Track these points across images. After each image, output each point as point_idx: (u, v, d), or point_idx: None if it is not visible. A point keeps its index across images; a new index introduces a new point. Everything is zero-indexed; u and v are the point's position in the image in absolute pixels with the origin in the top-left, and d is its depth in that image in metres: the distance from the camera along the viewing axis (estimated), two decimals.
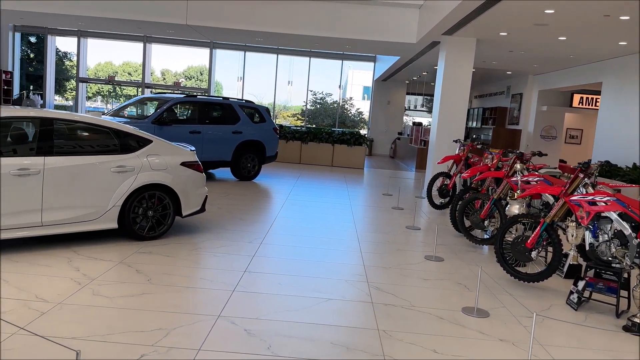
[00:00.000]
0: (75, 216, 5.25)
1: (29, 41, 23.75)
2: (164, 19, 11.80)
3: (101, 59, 27.50)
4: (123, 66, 28.94)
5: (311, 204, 9.33)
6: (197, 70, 29.05)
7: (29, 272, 4.50)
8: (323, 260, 5.69)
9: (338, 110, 23.41)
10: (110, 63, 28.23)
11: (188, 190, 6.09)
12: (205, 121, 10.54)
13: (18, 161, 4.88)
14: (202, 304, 4.13)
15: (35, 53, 23.70)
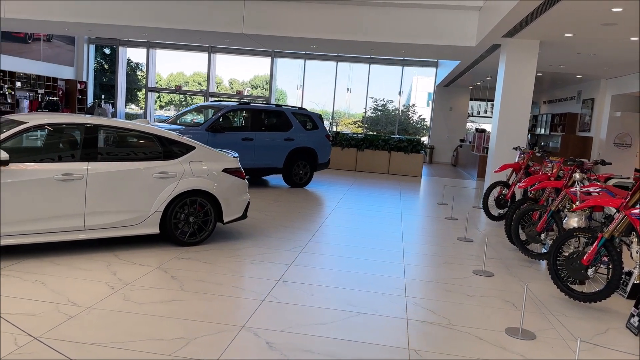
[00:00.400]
0: (118, 221, 5.34)
1: (104, 53, 25.06)
2: (222, 29, 12.02)
3: (173, 70, 28.53)
4: (193, 76, 29.94)
5: (360, 212, 9.13)
6: (263, 80, 29.55)
7: (68, 275, 4.60)
8: (362, 271, 5.48)
9: (398, 117, 23.01)
10: (182, 73, 29.26)
11: (229, 196, 6.08)
12: (258, 128, 10.59)
13: (62, 166, 5.03)
14: (229, 313, 4.04)
15: (109, 64, 24.95)
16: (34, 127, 5.06)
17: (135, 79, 25.25)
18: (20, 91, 19.34)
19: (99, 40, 23.54)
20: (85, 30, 14.61)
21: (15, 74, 19.07)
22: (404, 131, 23.34)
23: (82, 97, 22.69)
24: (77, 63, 23.05)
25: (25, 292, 4.11)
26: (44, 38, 20.82)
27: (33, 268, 4.67)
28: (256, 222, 7.36)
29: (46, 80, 20.83)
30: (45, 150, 5.56)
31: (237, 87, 27.38)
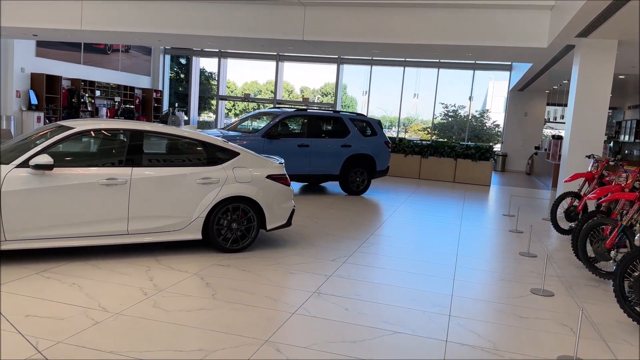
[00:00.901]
0: (161, 226, 5.37)
1: (180, 63, 26.07)
2: (282, 36, 12.03)
3: (247, 79, 29.19)
4: (267, 85, 30.55)
5: (415, 222, 8.75)
6: (333, 87, 29.62)
7: (106, 279, 4.65)
8: (405, 285, 5.16)
9: (468, 123, 22.17)
10: (255, 82, 29.93)
11: (273, 203, 5.96)
12: (314, 135, 10.47)
13: (106, 171, 5.11)
14: (255, 325, 3.89)
15: (184, 73, 25.91)
16: (80, 133, 5.19)
17: (208, 87, 26.05)
18: (99, 99, 20.47)
19: (173, 50, 24.52)
20: (155, 41, 15.19)
21: (95, 83, 20.21)
22: (477, 138, 22.46)
23: (157, 105, 23.68)
24: (153, 73, 24.10)
25: (59, 295, 4.17)
26: (123, 49, 21.94)
27: (74, 271, 4.76)
28: (304, 230, 7.21)
29: (124, 89, 21.91)
30: (91, 155, 5.71)
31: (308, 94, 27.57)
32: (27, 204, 4.72)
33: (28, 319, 3.68)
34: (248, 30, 12.16)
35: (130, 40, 15.68)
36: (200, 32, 12.57)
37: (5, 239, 4.68)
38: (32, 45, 17.65)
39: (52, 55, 18.44)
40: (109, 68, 21.29)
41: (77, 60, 19.62)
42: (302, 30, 11.85)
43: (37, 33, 14.70)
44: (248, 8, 12.00)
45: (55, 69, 18.45)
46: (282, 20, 11.90)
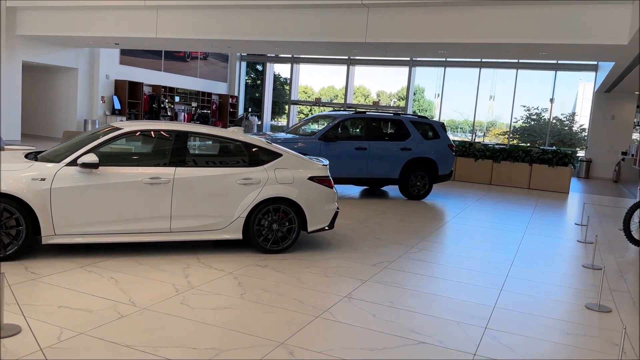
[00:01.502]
0: (202, 225, 5.47)
1: (257, 69, 26.78)
2: (345, 39, 12.00)
3: (325, 84, 29.43)
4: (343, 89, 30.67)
5: (474, 230, 8.35)
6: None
7: (144, 275, 4.79)
8: (445, 294, 4.91)
9: (549, 127, 20.96)
10: (332, 87, 30.16)
11: (315, 205, 5.91)
12: (373, 137, 10.31)
13: (151, 170, 5.29)
14: (275, 327, 3.84)
15: (260, 79, 26.58)
16: (126, 134, 5.41)
17: (282, 92, 26.54)
18: (178, 105, 21.45)
19: (249, 57, 25.24)
20: (225, 47, 15.67)
21: (175, 89, 21.21)
22: (561, 142, 21.18)
23: (233, 110, 24.48)
24: (229, 79, 24.94)
25: (96, 288, 4.35)
26: (201, 56, 22.89)
27: (116, 266, 4.96)
28: (351, 234, 7.09)
29: (202, 95, 22.84)
30: (137, 155, 5.93)
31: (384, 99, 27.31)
32: (75, 201, 4.97)
33: (60, 309, 3.86)
34: (311, 34, 12.23)
35: (201, 47, 16.31)
36: (266, 37, 12.83)
37: (55, 233, 4.96)
38: (117, 54, 18.84)
39: (135, 63, 19.58)
40: (188, 75, 22.29)
41: (158, 68, 20.71)
42: (365, 33, 11.74)
43: (118, 42, 15.66)
44: (311, 12, 12.08)
45: (138, 76, 19.57)
46: (346, 23, 11.86)
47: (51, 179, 4.91)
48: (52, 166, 5.00)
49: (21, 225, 4.80)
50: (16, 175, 4.82)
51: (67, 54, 17.33)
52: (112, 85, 18.89)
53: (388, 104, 25.73)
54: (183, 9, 13.30)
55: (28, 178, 4.85)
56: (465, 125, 22.58)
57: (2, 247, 4.76)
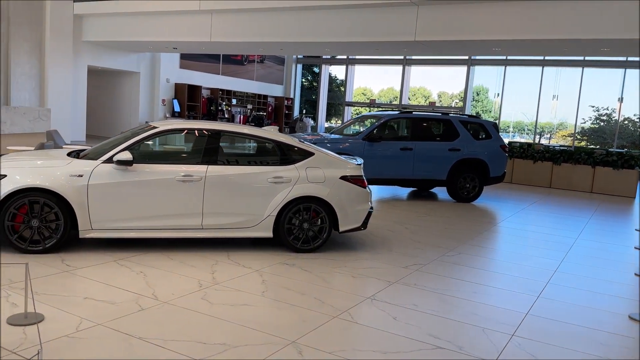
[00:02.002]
0: (233, 222, 5.53)
1: (313, 72, 26.96)
2: (393, 38, 11.82)
3: (384, 85, 29.22)
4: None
5: (522, 234, 7.97)
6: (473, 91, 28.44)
7: (172, 270, 4.89)
8: (476, 299, 4.70)
9: (617, 128, 19.75)
10: (392, 88, 29.95)
11: (346, 204, 5.83)
12: (419, 137, 10.08)
13: (183, 168, 5.40)
14: (289, 326, 3.80)
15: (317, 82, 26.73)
16: (161, 133, 5.55)
17: (338, 94, 26.56)
18: (235, 107, 21.94)
19: (305, 59, 25.45)
20: (277, 49, 15.85)
21: (232, 92, 21.70)
22: (633, 144, 19.90)
23: (288, 112, 24.75)
24: (285, 81, 25.24)
25: (123, 281, 4.48)
26: (258, 60, 23.30)
27: (147, 261, 5.09)
28: (388, 235, 6.95)
29: (258, 97, 23.25)
30: (172, 152, 6.07)
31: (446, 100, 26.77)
32: (111, 197, 5.16)
33: (85, 300, 4.00)
34: (360, 34, 12.14)
35: (254, 49, 16.57)
36: (315, 38, 12.86)
37: (92, 228, 5.17)
38: (177, 58, 19.51)
39: (194, 67, 20.20)
40: (245, 78, 22.75)
41: (216, 71, 21.26)
42: (415, 31, 11.52)
43: (176, 46, 16.20)
44: (360, 12, 12.00)
45: (196, 80, 20.17)
46: (395, 22, 11.69)
47: (88, 175, 5.12)
48: (89, 163, 5.21)
49: (60, 220, 5.03)
50: (56, 171, 5.06)
51: (129, 58, 18.12)
52: (172, 88, 19.57)
53: (449, 105, 25.17)
54: (236, 13, 13.57)
55: (67, 174, 5.07)
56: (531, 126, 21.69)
57: (41, 240, 5.01)
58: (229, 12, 13.61)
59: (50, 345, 3.21)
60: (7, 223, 4.90)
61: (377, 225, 7.50)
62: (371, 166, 9.55)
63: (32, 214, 4.95)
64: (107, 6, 15.28)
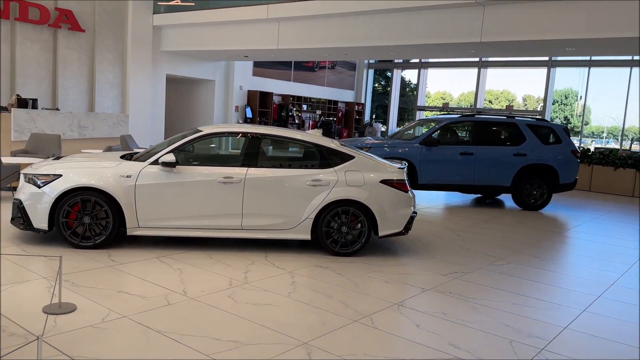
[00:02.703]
0: (271, 224, 5.62)
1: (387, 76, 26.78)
2: (458, 39, 11.49)
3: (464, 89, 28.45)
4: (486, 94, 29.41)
5: (588, 245, 7.43)
6: (561, 94, 27.06)
7: (208, 268, 5.04)
8: (511, 309, 4.45)
9: None
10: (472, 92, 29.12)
11: (386, 208, 5.73)
12: (481, 142, 9.70)
13: (225, 170, 5.56)
14: (306, 327, 3.80)
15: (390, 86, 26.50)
16: (206, 136, 5.76)
17: (410, 99, 26.20)
18: (305, 113, 22.26)
19: (377, 64, 25.36)
20: (341, 54, 15.91)
21: (302, 98, 22.05)
22: None
23: (358, 117, 24.74)
24: (356, 87, 25.27)
25: (160, 277, 4.68)
26: (329, 66, 23.51)
27: (187, 258, 5.28)
28: (437, 242, 6.75)
29: (328, 103, 23.43)
30: (215, 155, 6.25)
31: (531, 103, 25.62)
32: (156, 197, 5.41)
33: (119, 294, 4.22)
34: (425, 36, 11.92)
35: (320, 55, 16.72)
36: (380, 42, 12.78)
37: (139, 226, 5.45)
38: (250, 66, 20.12)
39: (266, 74, 20.74)
40: (316, 84, 23.02)
41: (287, 78, 21.70)
42: (480, 32, 11.14)
43: (247, 54, 16.71)
44: (423, 15, 11.78)
45: (268, 86, 20.69)
46: (460, 23, 11.37)
47: (136, 176, 5.41)
48: (137, 165, 5.50)
49: (109, 218, 5.35)
50: (106, 172, 5.39)
51: (205, 67, 18.92)
52: (245, 95, 20.20)
53: (535, 109, 24.06)
54: (302, 20, 13.79)
55: (116, 175, 5.38)
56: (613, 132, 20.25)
57: (92, 236, 5.35)
58: (295, 19, 13.85)
59: (75, 334, 3.42)
60: (62, 219, 5.27)
61: (427, 231, 7.31)
62: (428, 171, 9.37)
63: (84, 211, 5.31)
64: (184, 17, 16.05)
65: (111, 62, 16.10)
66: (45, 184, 5.31)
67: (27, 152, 9.50)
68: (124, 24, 16.21)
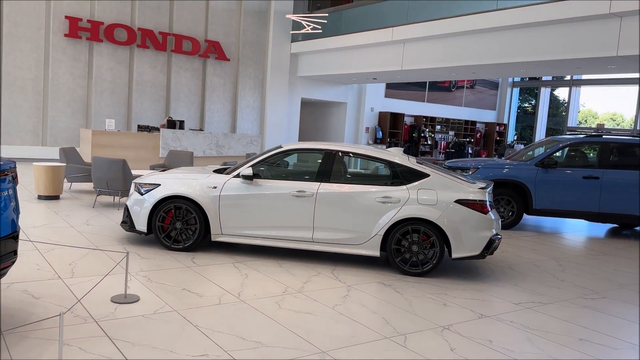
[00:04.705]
0: (341, 238, 5.73)
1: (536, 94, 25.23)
2: (594, 54, 10.52)
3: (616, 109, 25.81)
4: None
5: None
6: None
7: (273, 275, 5.30)
8: (574, 346, 3.99)
9: None
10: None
11: (461, 230, 5.51)
12: (609, 165, 8.72)
13: (298, 184, 5.83)
14: (334, 338, 3.84)
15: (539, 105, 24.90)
16: (283, 152, 6.10)
17: (560, 120, 24.32)
18: (438, 134, 21.86)
19: (523, 82, 24.04)
20: (468, 73, 15.41)
21: (436, 118, 21.71)
22: None
23: (499, 138, 23.59)
24: (499, 106, 24.17)
25: (225, 279, 5.06)
26: (467, 85, 22.87)
27: (258, 265, 5.62)
28: (529, 269, 6.26)
29: (465, 123, 22.74)
30: (292, 170, 6.53)
31: None
32: (237, 207, 5.86)
33: (182, 291, 4.66)
34: (557, 51, 11.14)
35: (445, 75, 16.40)
36: (506, 59, 12.26)
37: (222, 233, 5.94)
38: (382, 88, 20.45)
39: (398, 95, 20.87)
40: (453, 104, 22.55)
41: (421, 99, 21.59)
42: (617, 45, 10.10)
43: (376, 76, 17.05)
44: (554, 29, 11.04)
45: (400, 107, 20.80)
46: (593, 36, 10.44)
47: (220, 187, 5.93)
48: (223, 177, 6.02)
49: (197, 224, 5.92)
50: (197, 183, 5.99)
51: (338, 90, 19.67)
52: (376, 116, 20.53)
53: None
54: (424, 40, 13.75)
55: (204, 186, 5.96)
56: None
57: (182, 240, 5.96)
58: (417, 40, 13.86)
59: (126, 321, 3.90)
60: (158, 224, 5.97)
61: (525, 259, 6.81)
62: (544, 195, 8.72)
63: (177, 217, 5.95)
64: (317, 44, 16.96)
65: (252, 87, 17.55)
66: (147, 191, 6.07)
67: (164, 166, 10.78)
68: (265, 53, 17.61)
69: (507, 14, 11.51)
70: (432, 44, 13.71)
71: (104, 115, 14.63)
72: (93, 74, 14.60)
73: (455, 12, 12.58)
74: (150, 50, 15.36)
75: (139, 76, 15.25)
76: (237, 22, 17.04)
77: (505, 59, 12.30)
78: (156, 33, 15.28)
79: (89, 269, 5.05)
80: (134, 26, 14.98)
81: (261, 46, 17.52)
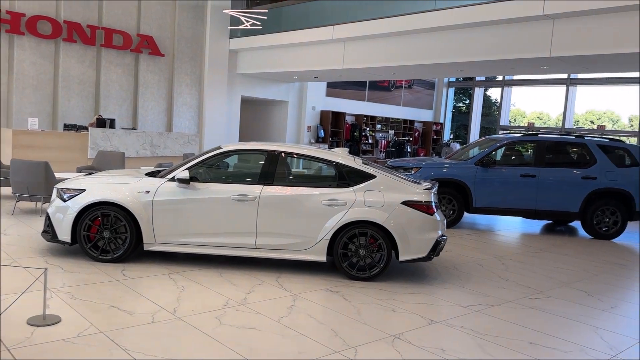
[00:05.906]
0: (285, 243, 5.44)
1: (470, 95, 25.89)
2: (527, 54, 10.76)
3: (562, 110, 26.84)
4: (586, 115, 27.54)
5: None
6: None
7: (213, 287, 4.94)
8: (525, 351, 3.91)
9: None
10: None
11: (408, 232, 5.35)
12: (544, 163, 8.92)
13: (239, 188, 5.49)
14: (279, 354, 3.55)
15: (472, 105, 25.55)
16: (225, 153, 5.74)
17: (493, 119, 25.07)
18: (378, 133, 21.98)
19: (457, 83, 24.59)
20: (407, 73, 15.52)
21: (376, 118, 21.81)
22: None
23: (436, 137, 24.03)
24: (435, 106, 24.62)
25: (159, 294, 4.65)
26: (405, 85, 23.12)
27: (196, 276, 5.24)
28: (475, 269, 6.22)
29: (404, 122, 23.00)
30: (231, 172, 6.20)
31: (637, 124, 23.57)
32: (172, 213, 5.44)
33: (109, 309, 4.22)
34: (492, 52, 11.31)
35: (385, 74, 16.45)
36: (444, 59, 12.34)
37: (156, 241, 5.50)
38: (323, 87, 20.27)
39: (339, 94, 20.78)
40: (392, 104, 22.72)
41: (361, 98, 21.60)
42: (550, 46, 10.37)
43: (317, 75, 16.84)
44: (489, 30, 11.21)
45: (341, 106, 20.70)
46: (526, 37, 10.67)
47: (154, 192, 5.48)
48: (156, 181, 5.58)
49: (127, 232, 5.45)
50: (126, 188, 5.51)
51: (279, 88, 19.31)
52: (318, 115, 20.34)
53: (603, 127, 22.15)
54: (365, 39, 13.66)
55: (135, 191, 5.49)
56: None
57: (111, 250, 5.47)
58: (358, 39, 13.76)
59: (43, 347, 3.44)
60: (83, 233, 5.45)
61: (468, 258, 6.78)
62: (484, 194, 8.79)
63: (105, 226, 5.45)
64: (256, 40, 16.51)
65: (189, 84, 16.89)
66: (70, 197, 5.53)
67: (92, 168, 10.09)
68: (202, 49, 16.98)
69: (445, 14, 11.59)
70: (372, 43, 13.64)
71: (26, 114, 13.58)
72: (14, 69, 13.53)
73: (396, 12, 12.56)
74: (77, 45, 14.42)
75: (65, 72, 14.28)
76: (172, 16, 16.34)
77: (443, 59, 12.39)
78: (84, 26, 14.36)
79: (3, 286, 4.50)
80: (59, 19, 14.00)
81: (198, 42, 16.90)
